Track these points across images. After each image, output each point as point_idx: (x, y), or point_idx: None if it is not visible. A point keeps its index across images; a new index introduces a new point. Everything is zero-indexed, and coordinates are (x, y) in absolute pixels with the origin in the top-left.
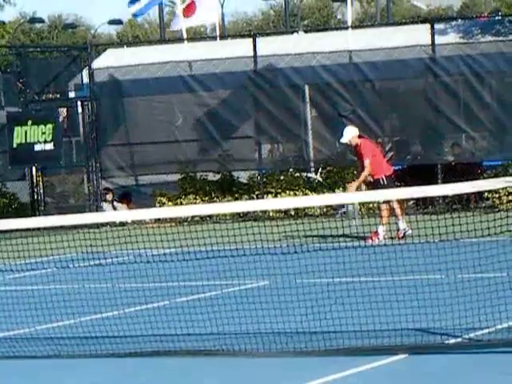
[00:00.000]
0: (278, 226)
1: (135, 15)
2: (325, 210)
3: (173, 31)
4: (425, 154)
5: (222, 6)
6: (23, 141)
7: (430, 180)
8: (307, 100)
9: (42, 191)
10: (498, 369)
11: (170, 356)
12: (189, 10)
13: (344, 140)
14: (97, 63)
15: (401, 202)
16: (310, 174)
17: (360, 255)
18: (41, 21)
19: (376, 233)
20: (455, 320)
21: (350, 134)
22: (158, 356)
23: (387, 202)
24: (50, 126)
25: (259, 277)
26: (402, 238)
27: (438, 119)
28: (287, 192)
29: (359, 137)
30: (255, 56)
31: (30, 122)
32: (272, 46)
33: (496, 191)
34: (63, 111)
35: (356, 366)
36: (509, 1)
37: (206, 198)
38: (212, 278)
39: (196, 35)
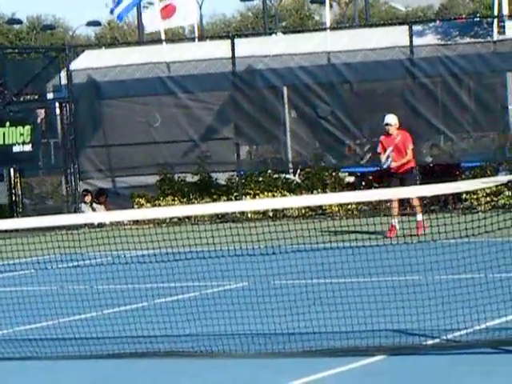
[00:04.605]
0: (256, 227)
1: (119, 17)
2: (303, 211)
3: (149, 33)
4: None
5: (201, 7)
6: (1, 142)
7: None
8: (286, 101)
9: (20, 193)
10: (476, 369)
11: (149, 357)
12: (167, 12)
13: (394, 121)
14: (75, 64)
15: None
16: (288, 176)
17: (339, 256)
18: (19, 22)
19: (393, 226)
20: (433, 321)
21: (396, 119)
22: (137, 357)
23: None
24: (28, 127)
25: (238, 278)
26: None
27: (417, 120)
28: (265, 193)
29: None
30: (233, 57)
31: (7, 124)
32: (250, 48)
33: (474, 192)
34: (41, 112)
35: (334, 367)
36: (487, 2)
37: (185, 200)
38: (191, 280)
39: (174, 36)
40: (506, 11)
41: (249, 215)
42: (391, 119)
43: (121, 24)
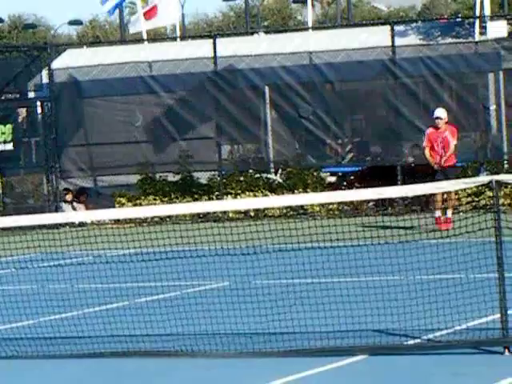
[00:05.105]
0: (237, 226)
1: (109, 12)
2: (284, 211)
3: (132, 33)
4: (385, 155)
5: (183, 6)
6: None
7: (390, 181)
8: (267, 101)
9: (0, 192)
10: (456, 369)
11: (130, 357)
12: (150, 13)
13: (444, 115)
14: (56, 63)
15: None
16: (269, 175)
17: (320, 256)
18: (0, 21)
19: (447, 219)
20: (414, 321)
21: (446, 113)
22: (118, 357)
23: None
24: (9, 126)
25: (219, 278)
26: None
27: (398, 120)
28: (247, 193)
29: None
30: (215, 57)
31: None
32: (232, 47)
33: (455, 192)
34: (23, 111)
35: (316, 367)
36: (469, 3)
37: (166, 199)
38: (172, 279)
39: (156, 36)
40: (487, 12)
41: (230, 215)
42: (442, 113)
43: (103, 23)
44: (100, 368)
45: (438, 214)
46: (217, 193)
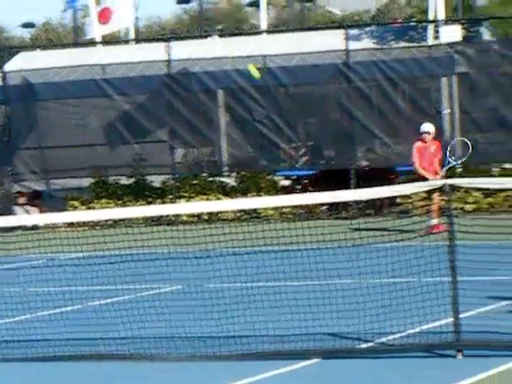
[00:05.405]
0: (191, 230)
1: (66, 9)
2: (238, 214)
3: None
4: (338, 159)
5: (137, 9)
6: None
7: (344, 185)
8: (221, 104)
9: None
10: (410, 373)
11: (85, 360)
12: (104, 17)
13: (432, 129)
14: (9, 66)
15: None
16: (223, 179)
17: (274, 260)
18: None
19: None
20: (368, 325)
21: (434, 128)
22: (72, 360)
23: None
24: None
25: (172, 281)
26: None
27: (352, 124)
28: (200, 196)
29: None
30: (169, 60)
31: None
32: (186, 50)
33: (409, 196)
34: None
35: (270, 370)
36: (422, 7)
37: (119, 202)
38: (125, 282)
39: (110, 39)
40: (441, 16)
41: (183, 218)
42: (431, 128)
43: (56, 26)
44: (56, 371)
45: (435, 221)
46: (170, 196)
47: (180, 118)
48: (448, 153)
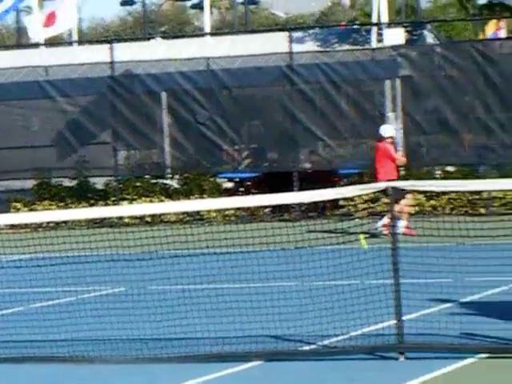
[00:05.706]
0: (133, 232)
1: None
2: (181, 216)
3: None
4: (281, 161)
5: (80, 11)
6: None
7: (287, 187)
8: (164, 106)
9: None
10: (352, 375)
11: (24, 362)
12: (49, 20)
13: (394, 133)
14: None
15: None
16: (166, 181)
17: (216, 262)
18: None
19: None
20: (310, 327)
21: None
22: (11, 362)
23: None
24: None
25: (115, 283)
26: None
27: (295, 127)
28: (143, 198)
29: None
30: (112, 62)
31: None
32: (129, 52)
33: (351, 199)
34: None
35: (212, 373)
36: (366, 10)
37: (62, 204)
38: (67, 284)
39: (53, 40)
40: (384, 19)
41: (126, 220)
42: (393, 132)
43: None
44: None
45: (405, 222)
46: (113, 198)
47: (123, 120)
48: None
